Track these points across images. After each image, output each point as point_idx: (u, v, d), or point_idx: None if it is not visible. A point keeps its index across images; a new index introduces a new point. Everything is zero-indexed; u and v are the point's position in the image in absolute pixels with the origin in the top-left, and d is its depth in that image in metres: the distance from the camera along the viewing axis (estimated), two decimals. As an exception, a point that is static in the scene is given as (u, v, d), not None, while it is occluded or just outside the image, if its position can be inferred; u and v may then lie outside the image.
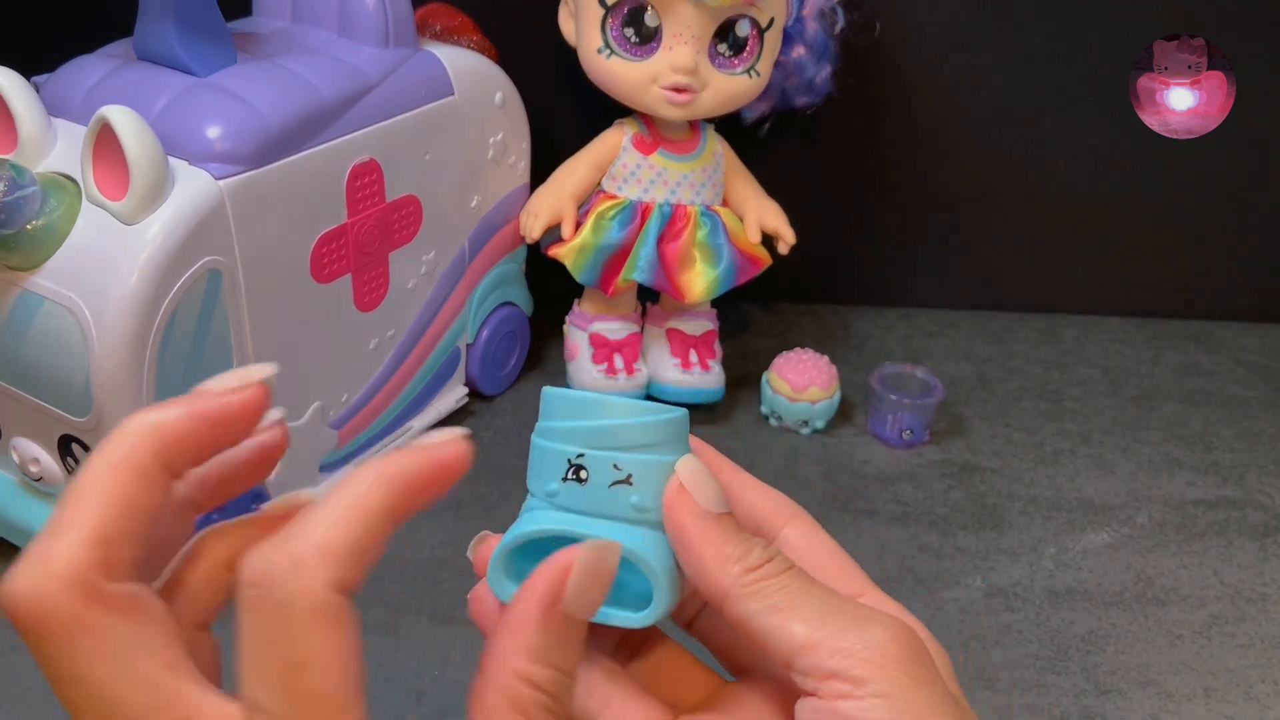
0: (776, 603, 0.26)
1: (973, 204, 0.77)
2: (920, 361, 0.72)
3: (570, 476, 0.28)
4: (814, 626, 0.26)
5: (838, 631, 0.26)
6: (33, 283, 0.45)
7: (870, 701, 0.25)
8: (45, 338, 0.45)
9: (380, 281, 0.57)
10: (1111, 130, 0.73)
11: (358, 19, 0.55)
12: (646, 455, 0.28)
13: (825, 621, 0.26)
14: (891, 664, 0.25)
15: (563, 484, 0.28)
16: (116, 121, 0.43)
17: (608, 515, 0.27)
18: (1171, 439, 0.68)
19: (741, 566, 0.27)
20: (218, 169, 0.47)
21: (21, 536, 0.52)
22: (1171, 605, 0.55)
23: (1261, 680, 0.51)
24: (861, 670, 0.25)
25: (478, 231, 0.63)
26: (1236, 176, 0.76)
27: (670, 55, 0.60)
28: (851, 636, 0.26)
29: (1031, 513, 0.61)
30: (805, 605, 0.26)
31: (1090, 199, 0.77)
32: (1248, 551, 0.59)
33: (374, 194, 0.54)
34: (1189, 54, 0.52)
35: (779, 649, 0.26)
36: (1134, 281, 0.81)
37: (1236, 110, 0.52)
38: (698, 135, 0.65)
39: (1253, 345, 0.79)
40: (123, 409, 0.45)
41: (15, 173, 0.44)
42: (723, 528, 0.27)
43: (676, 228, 0.64)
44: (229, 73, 0.50)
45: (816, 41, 0.65)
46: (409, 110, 0.56)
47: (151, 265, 0.44)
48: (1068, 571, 0.57)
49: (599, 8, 0.60)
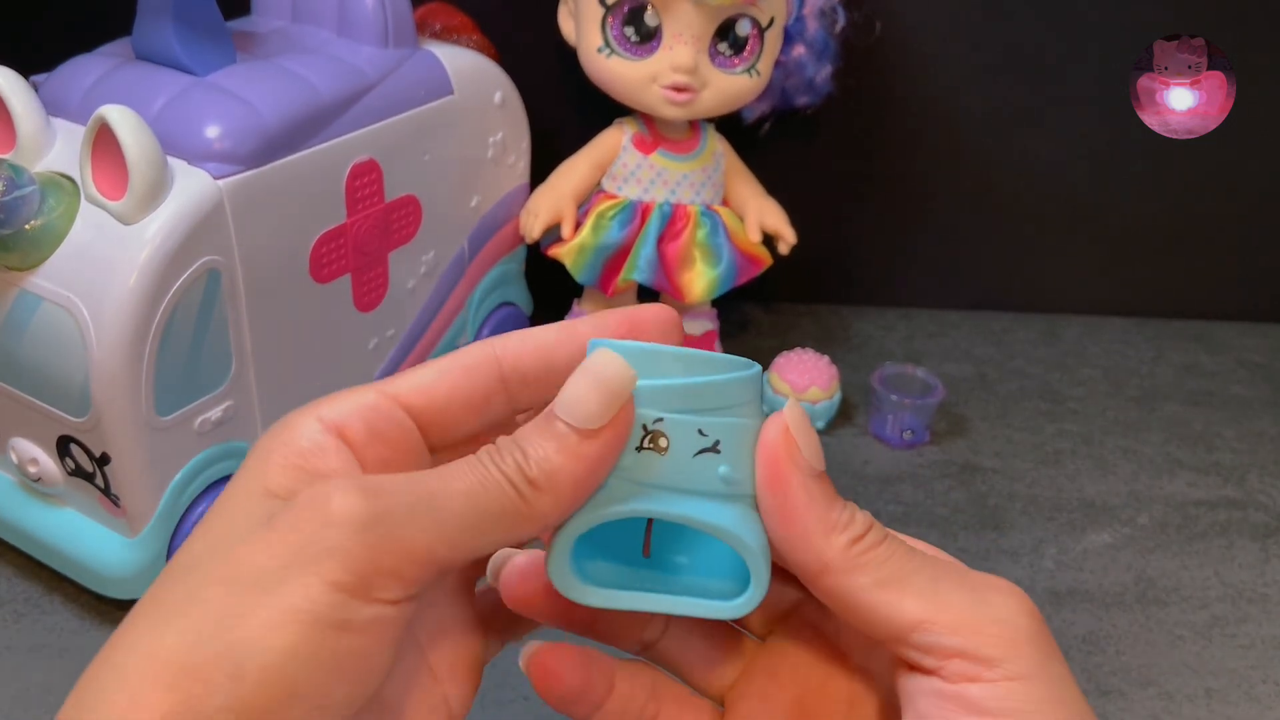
0: (884, 576, 0.24)
1: (973, 204, 0.77)
2: (921, 362, 0.72)
3: (647, 445, 0.24)
4: (928, 600, 0.23)
5: (959, 606, 0.23)
6: (31, 283, 0.45)
7: (1005, 686, 0.22)
8: (44, 338, 0.45)
9: (380, 281, 0.57)
10: (1112, 130, 0.73)
11: (357, 18, 0.55)
12: (731, 418, 0.24)
13: (939, 594, 0.23)
14: (1025, 641, 0.23)
15: (637, 454, 0.24)
16: (115, 121, 0.43)
17: (694, 489, 0.24)
18: (1173, 439, 0.68)
19: (848, 536, 0.24)
20: (217, 169, 0.47)
21: (21, 537, 0.51)
22: (1173, 606, 0.55)
23: (1263, 681, 0.51)
24: (992, 649, 0.23)
25: (477, 231, 0.63)
26: (1238, 176, 0.76)
27: (670, 54, 0.60)
28: (976, 610, 0.23)
29: (1032, 513, 0.61)
30: (916, 577, 0.24)
31: (1091, 199, 0.77)
32: (1249, 552, 0.59)
33: (373, 194, 0.54)
34: (1189, 54, 0.52)
35: (889, 626, 0.23)
36: (1135, 281, 0.80)
37: (1237, 110, 0.52)
38: (698, 135, 0.65)
39: (1255, 345, 0.79)
40: (121, 409, 0.45)
41: (13, 172, 0.44)
42: (826, 491, 0.24)
43: (676, 228, 0.64)
44: (228, 72, 0.50)
45: (817, 41, 0.65)
46: (408, 110, 0.56)
47: (150, 265, 0.44)
48: (1068, 572, 0.57)
49: (599, 7, 0.60)
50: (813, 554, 0.24)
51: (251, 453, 0.24)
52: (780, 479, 0.24)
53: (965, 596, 0.23)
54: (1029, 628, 0.23)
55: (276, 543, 0.21)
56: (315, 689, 0.20)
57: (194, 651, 0.20)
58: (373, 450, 0.24)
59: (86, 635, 0.49)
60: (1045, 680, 0.23)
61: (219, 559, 0.21)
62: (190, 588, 0.21)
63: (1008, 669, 0.22)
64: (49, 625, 0.50)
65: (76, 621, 0.50)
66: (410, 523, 0.21)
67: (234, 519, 0.22)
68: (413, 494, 0.22)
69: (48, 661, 0.48)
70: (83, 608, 0.51)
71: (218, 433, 0.49)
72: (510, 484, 0.22)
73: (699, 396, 0.24)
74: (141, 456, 0.46)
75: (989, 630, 0.23)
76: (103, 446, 0.46)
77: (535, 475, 0.23)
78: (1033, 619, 0.23)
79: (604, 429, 0.23)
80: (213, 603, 0.21)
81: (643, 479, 0.24)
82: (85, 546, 0.49)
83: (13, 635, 0.49)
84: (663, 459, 0.24)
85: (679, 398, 0.24)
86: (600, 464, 0.23)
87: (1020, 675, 0.22)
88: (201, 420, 0.48)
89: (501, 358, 0.25)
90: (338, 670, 0.21)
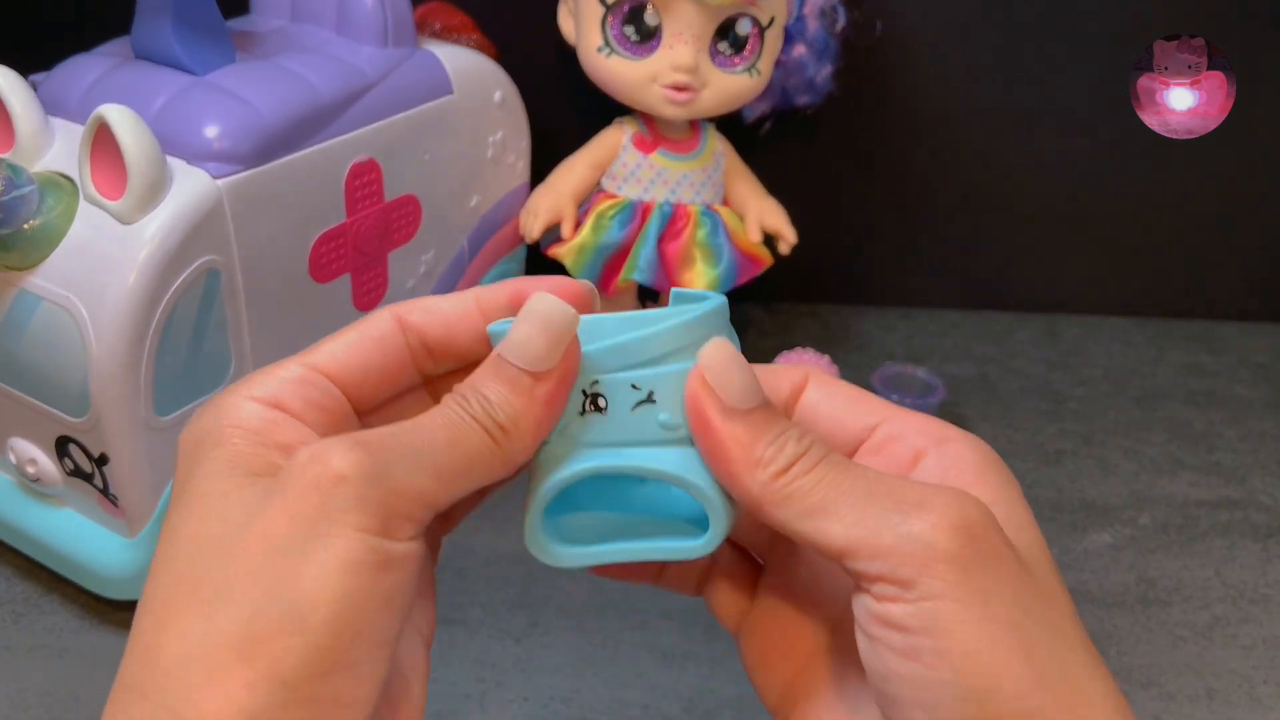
0: (811, 504, 0.24)
1: (974, 204, 0.77)
2: (922, 362, 0.72)
3: (588, 408, 0.25)
4: (851, 526, 0.24)
5: (877, 530, 0.23)
6: (30, 282, 0.45)
7: (920, 606, 0.23)
8: (42, 338, 0.45)
9: (379, 281, 0.57)
10: (1112, 130, 0.73)
11: (356, 18, 0.55)
12: (665, 367, 0.25)
13: (864, 519, 0.24)
14: (939, 560, 0.23)
15: (581, 418, 0.25)
16: (114, 120, 0.43)
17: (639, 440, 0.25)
18: (1174, 440, 0.68)
19: (771, 470, 0.24)
20: (216, 168, 0.47)
21: (19, 538, 0.51)
22: (1174, 606, 0.55)
23: (1264, 682, 0.51)
24: (907, 571, 0.23)
25: (477, 231, 0.63)
26: (1239, 176, 0.76)
27: (670, 54, 0.60)
28: (892, 533, 0.23)
29: (1033, 513, 0.61)
30: (842, 503, 0.24)
31: (1092, 198, 0.77)
32: (1250, 553, 0.59)
33: (373, 193, 0.54)
34: (1189, 54, 0.52)
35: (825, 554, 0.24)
36: (1136, 281, 0.80)
37: (1237, 110, 0.52)
38: (698, 134, 0.65)
39: (1256, 345, 0.79)
40: (120, 409, 0.45)
41: (12, 172, 0.44)
42: (750, 426, 0.25)
43: (677, 227, 0.64)
44: (227, 71, 0.50)
45: (817, 40, 0.65)
46: (408, 109, 0.55)
47: (149, 265, 0.44)
48: (1069, 572, 0.57)
49: (599, 6, 0.60)
50: (742, 491, 0.25)
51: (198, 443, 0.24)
52: (702, 423, 0.25)
53: (887, 520, 0.23)
54: (948, 545, 0.23)
55: (295, 509, 0.22)
56: (373, 626, 0.22)
57: (254, 622, 0.21)
58: (314, 419, 0.25)
59: (85, 635, 0.49)
60: (961, 599, 0.23)
61: (238, 541, 0.22)
62: (225, 573, 0.22)
63: (922, 589, 0.23)
64: (48, 625, 0.50)
65: (75, 622, 0.50)
66: (408, 470, 0.23)
67: (226, 503, 0.23)
68: (402, 445, 0.23)
69: (46, 662, 0.48)
70: (82, 608, 0.51)
71: (217, 433, 0.49)
72: (484, 430, 0.24)
73: (626, 353, 0.25)
74: (140, 457, 0.46)
75: (904, 552, 0.23)
76: (101, 447, 0.46)
77: (502, 420, 0.24)
78: (954, 534, 0.23)
79: (555, 369, 0.24)
80: (257, 575, 0.22)
81: (591, 440, 0.25)
82: (84, 547, 0.49)
83: (12, 635, 0.49)
84: (604, 418, 0.25)
85: (608, 358, 0.25)
86: (555, 402, 0.25)
87: (933, 595, 0.23)
88: (201, 420, 0.48)
89: (406, 329, 0.27)
90: (386, 605, 0.22)
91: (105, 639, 0.49)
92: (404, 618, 0.23)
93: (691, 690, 0.48)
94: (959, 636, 0.22)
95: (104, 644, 0.49)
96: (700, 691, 0.48)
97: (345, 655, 0.21)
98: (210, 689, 0.21)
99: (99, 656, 0.48)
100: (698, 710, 0.47)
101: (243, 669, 0.21)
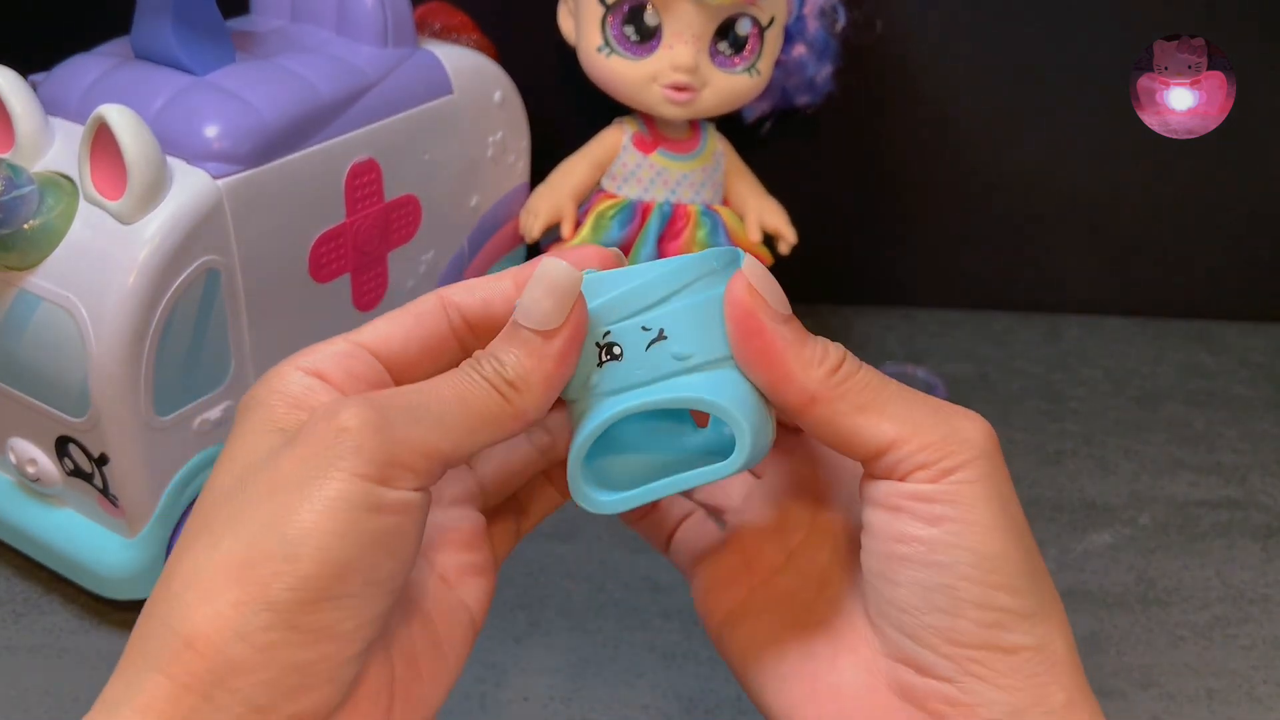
0: (863, 401, 0.27)
1: (974, 204, 0.77)
2: (922, 362, 0.72)
3: (605, 358, 0.27)
4: (902, 422, 0.27)
5: (929, 427, 0.27)
6: (29, 283, 0.45)
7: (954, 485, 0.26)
8: (42, 338, 0.45)
9: (379, 281, 0.57)
10: (1112, 130, 0.73)
11: (356, 18, 0.55)
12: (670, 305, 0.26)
13: (912, 417, 0.27)
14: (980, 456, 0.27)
15: (600, 369, 0.27)
16: (114, 120, 0.43)
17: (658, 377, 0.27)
18: (1174, 440, 0.68)
19: (825, 368, 0.27)
20: (216, 168, 0.47)
21: (19, 538, 0.51)
22: (1174, 606, 0.55)
23: (1264, 682, 0.51)
24: (951, 462, 0.26)
25: (477, 231, 0.63)
26: (1239, 175, 0.76)
27: (670, 54, 0.60)
28: (943, 431, 0.27)
29: (1033, 514, 0.61)
30: (891, 403, 0.27)
31: (1092, 199, 0.77)
32: (1250, 553, 0.59)
33: (373, 193, 0.54)
34: (1189, 54, 0.52)
35: (866, 446, 0.27)
36: (1136, 281, 0.80)
37: (1237, 110, 0.52)
38: (698, 134, 0.65)
39: (1257, 345, 0.79)
40: (120, 409, 0.45)
41: (12, 172, 0.44)
42: (795, 330, 0.27)
43: (677, 227, 0.64)
44: (227, 71, 0.50)
45: (817, 40, 0.65)
46: (408, 109, 0.55)
47: (149, 265, 0.44)
48: (1069, 572, 0.57)
49: (599, 6, 0.60)
50: (796, 389, 0.27)
51: (246, 406, 0.27)
52: (753, 330, 0.27)
53: (935, 419, 0.27)
54: (987, 447, 0.27)
55: (302, 454, 0.24)
56: (363, 563, 0.24)
57: (251, 549, 0.23)
58: (351, 388, 0.27)
59: (85, 635, 0.49)
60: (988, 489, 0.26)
61: (252, 482, 0.24)
62: (233, 508, 0.24)
63: (960, 476, 0.26)
64: (48, 625, 0.50)
65: (75, 622, 0.50)
66: (413, 424, 0.25)
67: (254, 452, 0.25)
68: (409, 402, 0.25)
69: (46, 662, 0.48)
70: (82, 608, 0.51)
71: (217, 433, 0.49)
72: (493, 387, 0.26)
73: (631, 301, 0.26)
74: (140, 457, 0.46)
75: (952, 447, 0.26)
76: (101, 447, 0.46)
77: (512, 378, 0.26)
78: (990, 440, 0.27)
79: (562, 327, 0.26)
80: (259, 510, 0.24)
81: (612, 387, 0.27)
82: (84, 547, 0.49)
83: (11, 635, 0.49)
84: (622, 364, 0.27)
85: (616, 308, 0.27)
86: (565, 359, 0.26)
87: (968, 480, 0.26)
88: (201, 420, 0.48)
89: (448, 306, 0.29)
90: (376, 546, 0.24)
91: (105, 639, 0.49)
92: (401, 563, 0.25)
93: (691, 690, 0.48)
94: (982, 511, 0.26)
95: (104, 644, 0.49)
96: (700, 691, 0.48)
97: (332, 587, 0.23)
98: (203, 607, 0.23)
99: (99, 656, 0.48)
100: (698, 710, 0.47)
101: (234, 590, 0.23)
